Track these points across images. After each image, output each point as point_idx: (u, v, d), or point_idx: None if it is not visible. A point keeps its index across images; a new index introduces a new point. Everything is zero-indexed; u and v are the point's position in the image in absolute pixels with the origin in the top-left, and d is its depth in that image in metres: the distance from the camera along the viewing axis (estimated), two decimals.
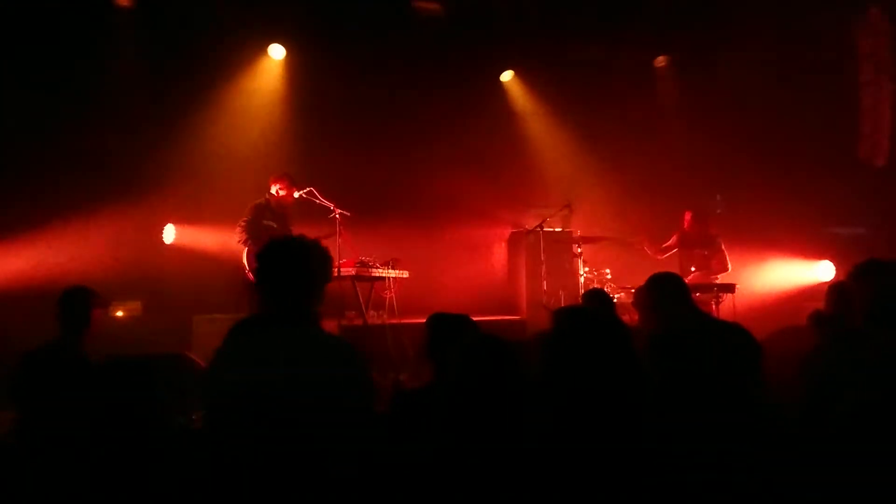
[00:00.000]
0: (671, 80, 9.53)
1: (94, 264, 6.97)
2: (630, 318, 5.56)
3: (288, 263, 2.26)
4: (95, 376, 2.19)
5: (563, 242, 7.91)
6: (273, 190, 6.62)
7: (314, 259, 2.31)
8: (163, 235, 7.76)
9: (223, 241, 7.05)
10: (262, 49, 8.32)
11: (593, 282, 7.47)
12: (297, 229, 6.69)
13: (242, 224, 6.43)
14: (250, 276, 6.21)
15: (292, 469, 1.93)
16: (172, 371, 4.38)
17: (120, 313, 6.69)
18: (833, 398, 2.33)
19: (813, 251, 8.49)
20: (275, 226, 6.49)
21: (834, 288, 3.81)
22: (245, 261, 6.37)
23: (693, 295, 3.74)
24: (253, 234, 6.36)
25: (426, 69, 8.64)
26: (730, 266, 7.16)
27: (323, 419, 2.00)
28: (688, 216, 7.38)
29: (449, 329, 3.21)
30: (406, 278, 6.80)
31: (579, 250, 7.55)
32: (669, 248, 7.52)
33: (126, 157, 7.51)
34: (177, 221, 7.85)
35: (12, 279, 6.45)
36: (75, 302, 3.85)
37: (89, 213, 7.20)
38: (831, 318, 3.53)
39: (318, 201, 6.72)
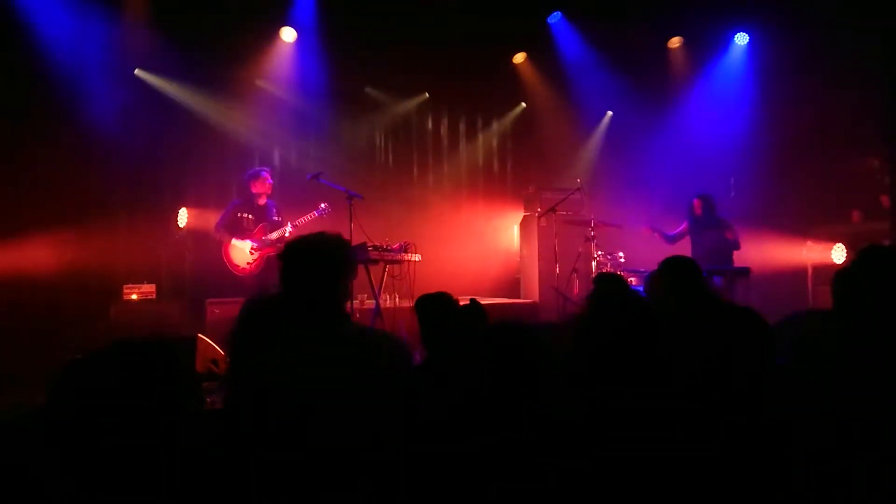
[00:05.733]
0: (685, 61, 9.43)
1: (109, 249, 7.04)
2: None
3: (313, 269, 2.21)
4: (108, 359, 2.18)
5: (575, 226, 7.87)
6: (255, 186, 6.80)
7: (337, 259, 2.26)
8: (177, 219, 7.80)
9: None
10: (273, 32, 8.27)
11: (606, 265, 7.43)
12: (302, 210, 6.74)
13: (216, 223, 6.77)
14: (233, 270, 6.70)
15: (331, 462, 1.96)
16: (186, 353, 4.41)
17: (134, 296, 6.75)
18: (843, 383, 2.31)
19: (825, 234, 8.41)
20: (250, 217, 6.74)
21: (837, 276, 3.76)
22: (223, 256, 6.73)
23: (708, 279, 3.71)
24: (227, 228, 6.70)
25: (437, 52, 8.59)
26: (740, 243, 7.13)
27: (365, 415, 2.03)
28: (696, 202, 7.34)
29: (432, 309, 3.20)
30: (418, 262, 6.80)
31: (592, 234, 7.51)
32: (680, 236, 7.48)
33: (140, 141, 7.55)
34: (191, 205, 7.88)
35: (33, 261, 6.53)
36: None
37: (105, 197, 7.26)
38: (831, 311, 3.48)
39: (329, 185, 6.72)
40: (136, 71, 7.62)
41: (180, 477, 1.64)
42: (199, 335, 4.87)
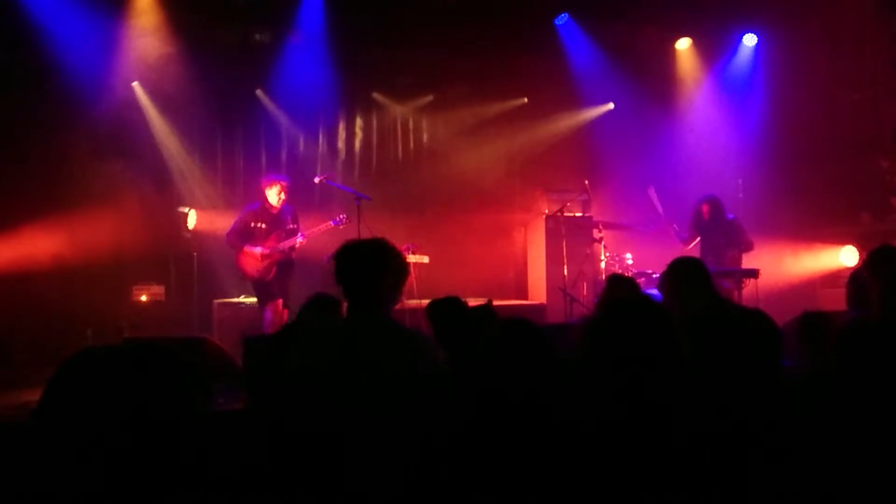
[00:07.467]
0: (693, 62, 9.40)
1: (119, 248, 7.07)
2: None
3: (358, 269, 2.47)
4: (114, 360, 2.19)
5: (583, 227, 7.86)
6: (270, 196, 6.52)
7: (384, 264, 2.50)
8: (186, 221, 7.82)
9: None
10: (280, 36, 8.28)
11: (614, 267, 7.42)
12: (318, 215, 6.74)
13: (229, 230, 6.53)
14: (244, 276, 6.49)
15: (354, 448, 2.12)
16: (194, 354, 4.44)
17: (143, 297, 6.78)
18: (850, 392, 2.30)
19: (836, 237, 8.37)
20: (263, 226, 6.46)
21: (852, 279, 3.61)
22: (237, 262, 6.50)
23: (717, 281, 3.68)
24: (239, 236, 6.45)
25: (443, 54, 8.60)
26: (753, 243, 7.04)
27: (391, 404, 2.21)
28: (706, 208, 7.20)
29: (444, 313, 3.24)
30: (426, 263, 6.81)
31: (600, 235, 7.50)
32: (692, 239, 7.41)
33: (149, 141, 7.59)
34: (200, 207, 7.91)
35: (43, 261, 6.58)
36: None
37: (116, 197, 7.30)
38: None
39: (336, 186, 6.73)
40: (134, 84, 7.63)
41: (189, 479, 1.65)
42: (207, 336, 4.91)
